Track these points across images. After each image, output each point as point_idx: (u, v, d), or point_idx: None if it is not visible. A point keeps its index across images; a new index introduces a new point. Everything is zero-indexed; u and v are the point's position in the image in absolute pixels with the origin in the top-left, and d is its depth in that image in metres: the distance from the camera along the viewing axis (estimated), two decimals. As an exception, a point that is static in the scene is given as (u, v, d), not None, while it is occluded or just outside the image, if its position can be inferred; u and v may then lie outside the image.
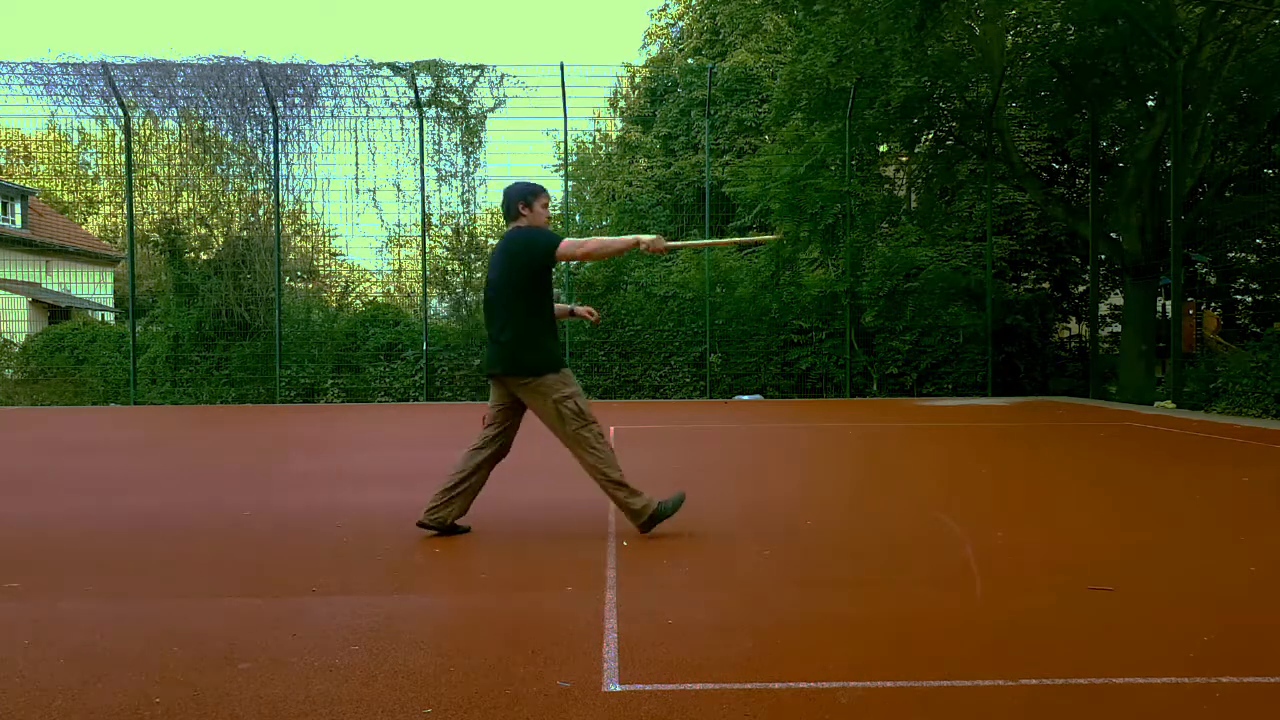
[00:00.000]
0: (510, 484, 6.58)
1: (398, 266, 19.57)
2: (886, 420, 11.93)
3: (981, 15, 16.07)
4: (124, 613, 3.36)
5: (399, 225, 18.11)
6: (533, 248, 4.45)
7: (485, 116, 17.76)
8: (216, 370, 17.08)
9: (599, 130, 29.27)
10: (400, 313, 18.27)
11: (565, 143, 18.29)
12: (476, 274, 18.22)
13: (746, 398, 16.77)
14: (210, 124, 17.73)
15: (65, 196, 32.28)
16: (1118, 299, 19.19)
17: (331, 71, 17.30)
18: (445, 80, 17.49)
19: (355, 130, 17.63)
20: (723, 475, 7.09)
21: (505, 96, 17.57)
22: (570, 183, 22.53)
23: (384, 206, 17.96)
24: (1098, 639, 2.98)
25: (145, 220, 17.92)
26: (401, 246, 18.72)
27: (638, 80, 27.52)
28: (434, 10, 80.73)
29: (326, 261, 19.62)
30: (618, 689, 2.56)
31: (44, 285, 24.77)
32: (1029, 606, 3.37)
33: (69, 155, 25.69)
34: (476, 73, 17.45)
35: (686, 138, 24.74)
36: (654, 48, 30.89)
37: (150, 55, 19.10)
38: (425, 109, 17.53)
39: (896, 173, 20.81)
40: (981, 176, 17.81)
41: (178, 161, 18.02)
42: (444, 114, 17.71)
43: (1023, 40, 16.46)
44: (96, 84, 16.91)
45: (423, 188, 17.57)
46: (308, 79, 17.30)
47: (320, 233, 19.10)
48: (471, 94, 17.65)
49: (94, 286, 26.81)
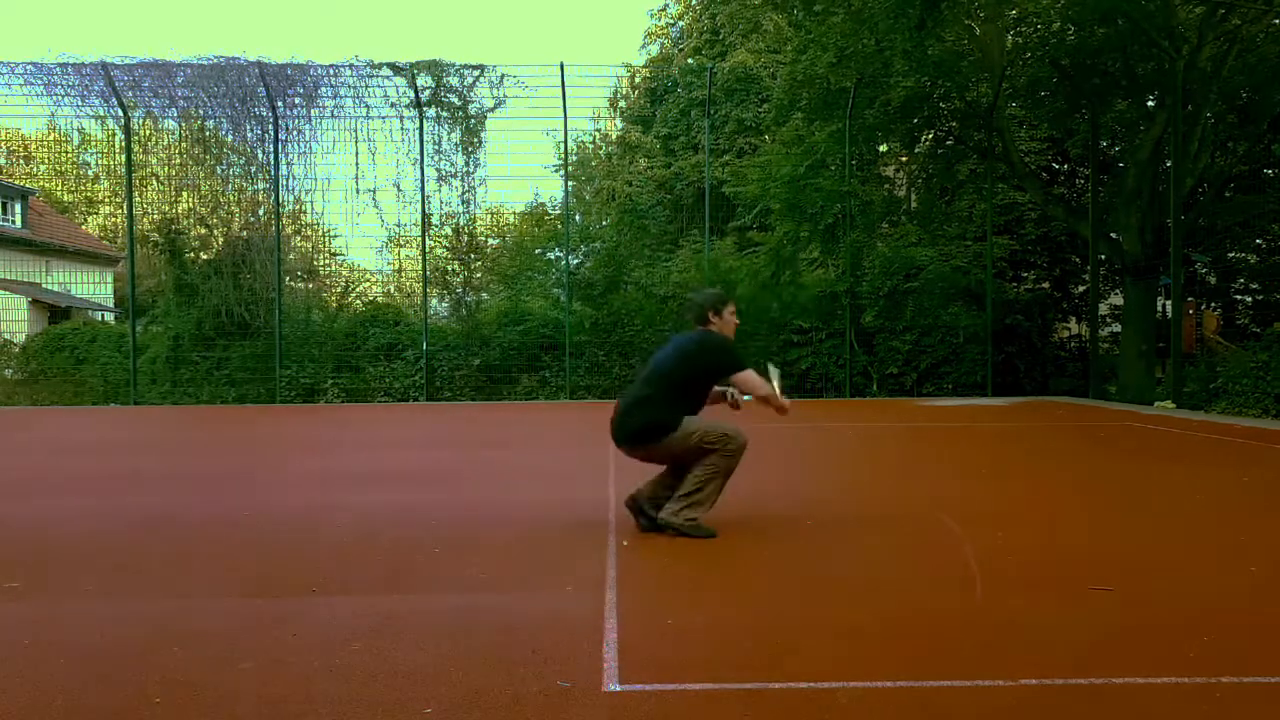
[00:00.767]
0: (510, 484, 6.59)
1: (398, 266, 19.57)
2: (886, 420, 11.93)
3: (981, 15, 16.08)
4: (124, 613, 3.36)
5: (399, 225, 18.15)
6: (720, 360, 4.70)
7: (485, 116, 17.77)
8: (217, 370, 17.07)
9: (599, 130, 29.32)
10: (400, 313, 18.27)
11: (565, 143, 18.29)
12: (476, 274, 18.22)
13: (746, 397, 16.75)
14: (210, 124, 17.73)
15: (65, 196, 32.24)
16: (1118, 299, 19.18)
17: (331, 72, 17.29)
18: (445, 80, 17.49)
19: (355, 130, 17.64)
20: (723, 475, 7.06)
21: (505, 96, 17.60)
22: (570, 183, 22.54)
23: (384, 206, 18.02)
24: (1098, 639, 2.98)
25: (145, 220, 17.91)
26: (401, 246, 18.72)
27: (638, 80, 27.55)
28: (434, 10, 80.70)
29: (326, 261, 19.61)
30: (618, 689, 2.56)
31: (44, 285, 24.75)
32: (1029, 606, 3.37)
33: (69, 155, 25.63)
34: (476, 73, 17.45)
35: (686, 138, 24.77)
36: (654, 48, 30.87)
37: (150, 55, 19.12)
38: (425, 109, 17.53)
39: (896, 173, 20.81)
40: (981, 176, 17.81)
41: (178, 161, 18.01)
42: (444, 114, 17.71)
43: (1023, 40, 16.46)
44: (96, 84, 16.90)
45: (423, 188, 17.58)
46: (308, 79, 17.29)
47: (320, 233, 19.08)
48: (471, 94, 17.65)
49: (94, 286, 26.77)
